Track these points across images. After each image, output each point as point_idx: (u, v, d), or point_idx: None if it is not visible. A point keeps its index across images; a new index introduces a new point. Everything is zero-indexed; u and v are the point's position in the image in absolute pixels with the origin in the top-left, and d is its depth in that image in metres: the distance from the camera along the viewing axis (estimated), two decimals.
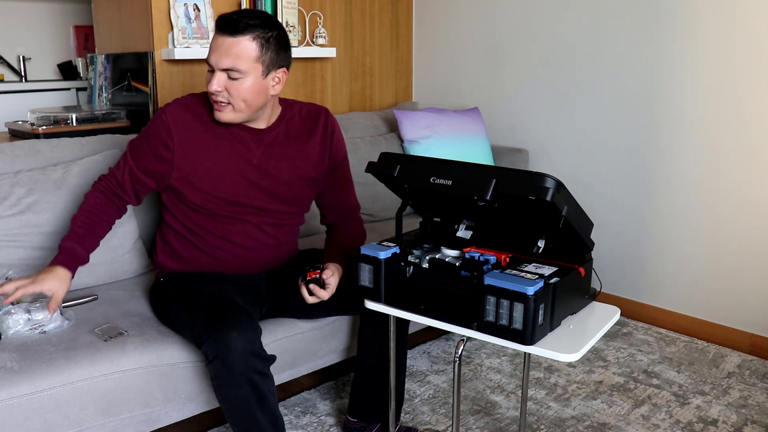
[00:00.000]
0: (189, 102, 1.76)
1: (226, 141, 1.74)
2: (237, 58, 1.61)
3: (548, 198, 1.32)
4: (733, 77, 2.44)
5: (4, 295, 1.58)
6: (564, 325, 1.45)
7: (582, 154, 2.91)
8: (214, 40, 1.64)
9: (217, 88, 1.63)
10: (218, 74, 1.62)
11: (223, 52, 1.61)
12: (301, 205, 1.89)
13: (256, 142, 1.76)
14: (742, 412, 2.13)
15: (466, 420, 2.09)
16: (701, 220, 2.60)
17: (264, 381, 1.53)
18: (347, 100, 3.24)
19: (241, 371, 1.48)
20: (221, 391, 1.53)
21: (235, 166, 1.74)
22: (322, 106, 1.90)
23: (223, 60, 1.61)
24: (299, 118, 1.84)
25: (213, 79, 1.63)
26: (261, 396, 1.53)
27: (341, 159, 1.91)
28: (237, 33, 1.60)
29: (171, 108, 1.74)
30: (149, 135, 1.74)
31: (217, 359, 1.49)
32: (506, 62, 3.11)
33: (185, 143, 1.71)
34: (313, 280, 1.69)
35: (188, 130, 1.72)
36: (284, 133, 1.80)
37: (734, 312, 2.57)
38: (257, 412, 1.53)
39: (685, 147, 2.60)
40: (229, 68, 1.61)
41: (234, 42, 1.60)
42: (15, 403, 1.45)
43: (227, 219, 1.77)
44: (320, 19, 2.98)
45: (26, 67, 3.98)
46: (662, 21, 2.58)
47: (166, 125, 1.71)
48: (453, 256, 1.54)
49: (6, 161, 1.98)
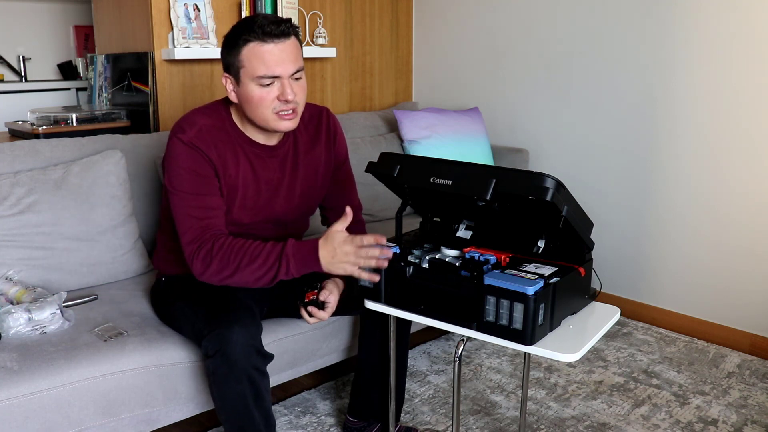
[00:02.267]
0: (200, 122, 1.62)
1: (245, 160, 1.67)
2: (297, 58, 1.58)
3: (548, 198, 1.32)
4: (733, 77, 2.44)
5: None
6: (564, 325, 1.45)
7: (582, 154, 2.91)
8: (263, 53, 1.53)
9: (293, 96, 1.57)
10: (287, 81, 1.56)
11: (287, 57, 1.55)
12: (310, 211, 1.87)
13: (271, 159, 1.70)
14: (742, 412, 2.13)
15: (466, 420, 2.09)
16: (701, 220, 2.61)
17: (262, 379, 1.53)
18: (347, 100, 3.24)
19: (242, 366, 1.48)
20: (219, 387, 1.52)
21: (253, 186, 1.69)
22: (323, 107, 1.86)
23: (290, 65, 1.56)
24: (302, 123, 1.78)
25: (286, 88, 1.55)
26: (258, 393, 1.52)
27: (343, 159, 1.88)
28: (287, 36, 1.56)
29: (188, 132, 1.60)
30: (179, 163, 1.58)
31: (218, 353, 1.48)
32: (506, 62, 3.11)
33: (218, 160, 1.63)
34: (311, 302, 1.67)
35: (215, 152, 1.62)
36: (293, 144, 1.75)
37: (734, 312, 2.57)
38: (253, 410, 1.52)
39: (685, 147, 2.60)
40: (296, 71, 1.58)
41: (289, 44, 1.56)
42: (15, 403, 1.45)
43: (235, 232, 1.71)
44: (320, 19, 2.98)
45: (26, 67, 3.99)
46: (662, 21, 2.58)
47: (192, 145, 1.59)
48: (453, 256, 1.54)
49: (6, 161, 1.98)
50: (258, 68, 1.53)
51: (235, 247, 1.53)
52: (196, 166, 1.59)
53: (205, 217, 1.58)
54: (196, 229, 1.57)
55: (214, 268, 1.53)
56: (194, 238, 1.56)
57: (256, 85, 1.55)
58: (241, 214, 1.69)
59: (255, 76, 1.54)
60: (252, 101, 1.57)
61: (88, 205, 1.99)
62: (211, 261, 1.53)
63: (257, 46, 1.53)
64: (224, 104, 1.69)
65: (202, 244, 1.55)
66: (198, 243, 1.55)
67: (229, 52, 1.57)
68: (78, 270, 1.97)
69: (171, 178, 1.60)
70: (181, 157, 1.59)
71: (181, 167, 1.59)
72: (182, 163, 1.59)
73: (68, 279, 1.95)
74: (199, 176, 1.59)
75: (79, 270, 1.97)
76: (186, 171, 1.58)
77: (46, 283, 1.90)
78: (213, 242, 1.54)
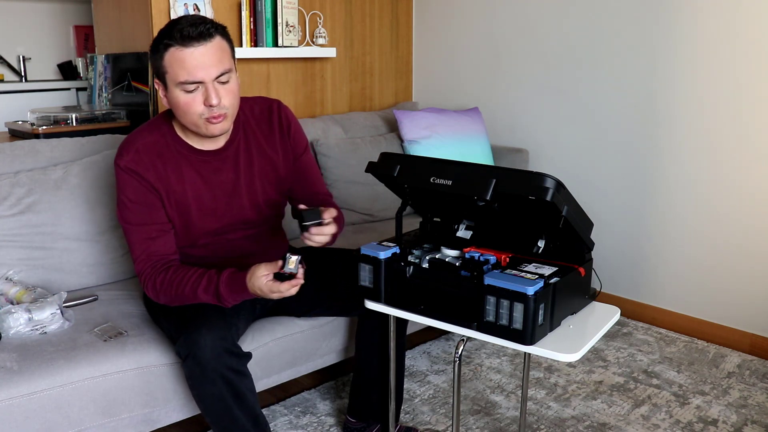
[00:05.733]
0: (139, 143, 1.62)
1: (191, 170, 1.65)
2: (222, 61, 1.51)
3: (548, 198, 1.32)
4: (733, 77, 2.44)
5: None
6: (564, 325, 1.45)
7: (582, 154, 2.91)
8: (183, 58, 1.47)
9: (217, 100, 1.51)
10: (211, 85, 1.50)
11: (208, 61, 1.48)
12: (278, 206, 1.84)
13: (220, 162, 1.67)
14: (742, 412, 2.13)
15: (466, 420, 2.09)
16: (701, 220, 2.60)
17: (240, 379, 1.52)
18: (347, 100, 3.24)
19: (213, 367, 1.47)
20: (196, 390, 1.52)
21: (207, 194, 1.67)
22: (274, 100, 1.80)
23: (212, 69, 1.49)
24: (253, 119, 1.74)
25: (210, 92, 1.50)
26: (238, 394, 1.51)
27: (302, 149, 1.81)
28: (208, 38, 1.49)
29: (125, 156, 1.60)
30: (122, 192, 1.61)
31: (189, 357, 1.48)
32: (506, 62, 3.11)
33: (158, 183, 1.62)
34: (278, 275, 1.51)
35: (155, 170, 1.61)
36: (244, 141, 1.71)
37: (734, 312, 2.57)
38: (234, 410, 1.52)
39: (685, 147, 2.60)
40: (221, 74, 1.51)
41: (211, 46, 1.49)
42: (15, 403, 1.45)
43: (210, 241, 1.73)
44: (320, 19, 2.98)
45: (26, 67, 3.99)
46: (662, 21, 2.58)
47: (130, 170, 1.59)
48: (453, 256, 1.54)
49: (6, 161, 1.98)
50: (179, 74, 1.49)
51: (174, 282, 1.58)
52: (137, 196, 1.61)
53: (150, 247, 1.62)
54: (143, 261, 1.62)
55: (163, 300, 1.62)
56: (142, 270, 1.63)
57: (181, 91, 1.51)
58: (205, 223, 1.68)
59: (178, 82, 1.50)
60: (179, 107, 1.54)
61: (88, 205, 2.00)
62: (158, 295, 1.61)
63: (177, 51, 1.47)
64: (166, 117, 1.67)
65: (148, 278, 1.61)
66: (144, 276, 1.62)
67: (154, 57, 1.53)
68: (78, 270, 1.97)
69: (118, 209, 1.65)
70: (123, 186, 1.61)
71: (124, 197, 1.62)
72: (125, 193, 1.61)
73: (68, 279, 1.96)
74: (141, 205, 1.61)
75: (79, 270, 1.97)
76: (129, 201, 1.61)
77: (46, 283, 1.91)
78: (155, 277, 1.60)
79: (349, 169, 2.66)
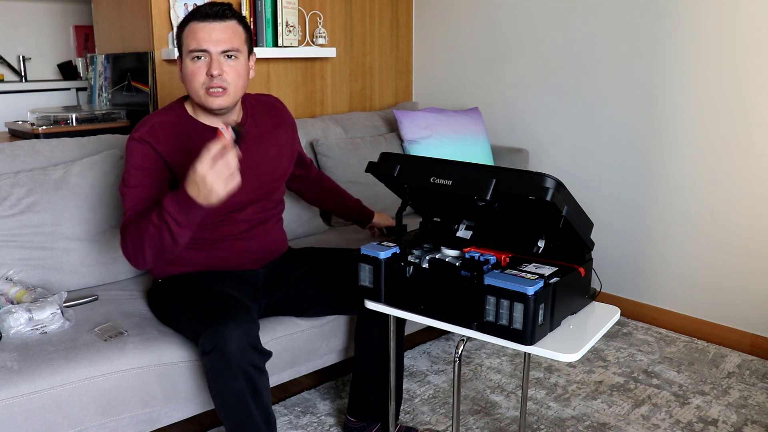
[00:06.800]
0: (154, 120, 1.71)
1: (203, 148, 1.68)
2: (233, 39, 1.64)
3: (548, 198, 1.32)
4: (733, 77, 2.44)
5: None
6: (564, 325, 1.45)
7: (582, 154, 2.91)
8: (197, 29, 1.62)
9: (218, 71, 1.62)
10: (215, 57, 1.62)
11: (218, 36, 1.62)
12: (280, 191, 1.93)
13: None
14: (742, 412, 2.13)
15: (466, 420, 2.09)
16: (701, 220, 2.61)
17: (259, 375, 1.53)
18: (347, 100, 3.24)
19: (237, 362, 1.48)
20: (216, 384, 1.52)
21: None
22: (274, 97, 1.98)
23: (221, 43, 1.62)
24: (260, 107, 1.88)
25: (213, 63, 1.62)
26: (256, 390, 1.52)
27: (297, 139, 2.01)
28: (224, 18, 1.64)
29: (140, 130, 1.69)
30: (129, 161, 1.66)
31: (214, 351, 1.48)
32: (506, 62, 3.11)
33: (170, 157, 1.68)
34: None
35: (167, 145, 1.68)
36: (254, 125, 1.83)
37: (734, 312, 2.57)
38: (251, 406, 1.52)
39: (685, 147, 2.60)
40: (227, 50, 1.63)
41: (225, 25, 1.63)
42: (15, 403, 1.45)
43: (215, 220, 1.76)
44: (320, 19, 2.98)
45: (26, 67, 3.99)
46: (662, 21, 2.58)
47: (143, 140, 1.66)
48: (453, 256, 1.54)
49: (6, 161, 1.98)
50: (190, 43, 1.63)
51: (129, 224, 1.57)
52: (143, 162, 1.65)
53: (139, 207, 1.61)
54: (127, 218, 1.61)
55: (130, 251, 1.58)
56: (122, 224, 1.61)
57: (189, 60, 1.64)
58: None
59: (188, 51, 1.64)
60: (186, 76, 1.66)
61: (88, 205, 2.00)
62: (126, 246, 1.58)
63: (194, 24, 1.63)
64: (180, 100, 1.79)
65: (124, 228, 1.60)
66: (121, 227, 1.61)
67: (178, 35, 1.69)
68: (78, 270, 1.97)
69: (122, 179, 1.68)
70: (131, 154, 1.66)
71: (130, 166, 1.66)
72: (131, 162, 1.66)
73: (68, 279, 1.96)
74: (144, 171, 1.65)
75: (79, 270, 1.97)
76: (134, 168, 1.65)
77: (46, 283, 1.91)
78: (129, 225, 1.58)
79: (349, 169, 2.66)
